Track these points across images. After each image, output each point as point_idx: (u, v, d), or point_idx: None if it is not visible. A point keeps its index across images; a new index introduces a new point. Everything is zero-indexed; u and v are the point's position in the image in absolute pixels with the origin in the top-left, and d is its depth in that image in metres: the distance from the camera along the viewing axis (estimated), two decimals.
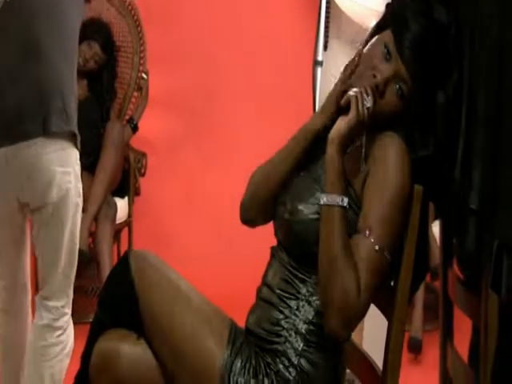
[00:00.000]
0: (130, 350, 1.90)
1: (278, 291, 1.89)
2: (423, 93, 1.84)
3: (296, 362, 1.83)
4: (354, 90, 1.82)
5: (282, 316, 1.87)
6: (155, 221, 4.72)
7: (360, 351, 2.05)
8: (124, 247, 4.13)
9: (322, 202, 1.79)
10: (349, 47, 3.08)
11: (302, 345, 1.84)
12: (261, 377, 1.84)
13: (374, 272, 1.75)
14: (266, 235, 2.08)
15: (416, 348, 3.45)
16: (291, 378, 1.83)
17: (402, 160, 1.81)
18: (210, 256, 4.54)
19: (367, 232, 1.76)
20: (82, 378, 1.97)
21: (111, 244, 3.97)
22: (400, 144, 1.82)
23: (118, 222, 4.04)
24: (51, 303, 2.61)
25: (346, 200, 1.78)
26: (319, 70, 3.02)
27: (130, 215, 4.18)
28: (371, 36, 1.94)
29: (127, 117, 4.29)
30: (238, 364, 1.84)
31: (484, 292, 1.76)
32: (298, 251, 1.87)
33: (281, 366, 1.83)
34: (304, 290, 1.86)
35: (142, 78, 4.30)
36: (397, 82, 1.84)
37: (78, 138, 2.57)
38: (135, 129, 4.24)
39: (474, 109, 1.79)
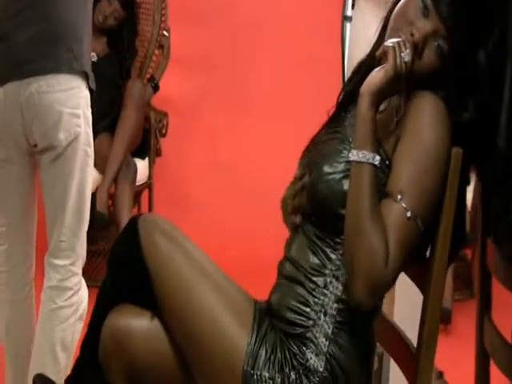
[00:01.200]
0: (145, 329, 1.78)
1: (303, 267, 1.75)
2: (463, 50, 1.70)
3: (325, 349, 1.70)
4: (391, 40, 1.67)
5: (309, 295, 1.73)
6: (176, 183, 4.63)
7: (390, 324, 1.93)
8: (144, 210, 4.05)
9: (351, 158, 1.64)
10: (377, 7, 2.95)
11: (331, 327, 1.70)
12: (287, 370, 1.69)
13: (403, 240, 1.59)
14: None
15: (446, 318, 3.36)
16: (320, 369, 1.69)
17: (439, 120, 1.66)
18: (232, 220, 4.45)
19: (399, 196, 1.61)
20: (90, 352, 1.84)
21: (131, 206, 3.87)
22: (438, 103, 1.67)
23: (138, 183, 3.94)
24: (58, 261, 2.50)
25: (377, 158, 1.63)
26: (348, 25, 2.88)
27: (150, 177, 4.08)
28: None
29: (148, 75, 4.19)
30: (263, 355, 1.70)
31: None
32: (324, 216, 1.72)
33: (309, 356, 1.69)
34: (331, 265, 1.72)
35: (164, 36, 4.18)
36: (436, 39, 1.70)
37: (92, 79, 2.47)
38: (156, 88, 4.13)
39: None
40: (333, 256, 1.73)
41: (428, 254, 1.74)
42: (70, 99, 2.41)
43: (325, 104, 1.90)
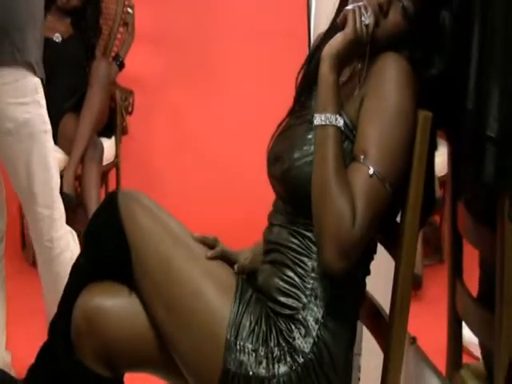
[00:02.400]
0: (119, 307, 1.75)
1: (289, 252, 1.72)
2: (429, 10, 1.69)
3: (315, 333, 1.67)
4: (352, 5, 1.66)
5: (298, 279, 1.70)
6: (143, 161, 4.59)
7: None
8: (112, 189, 4.00)
9: (314, 123, 1.61)
10: None
11: (322, 312, 1.68)
12: (272, 344, 1.66)
13: (370, 200, 1.56)
14: (257, 172, 1.93)
15: (416, 284, 3.34)
16: (306, 350, 1.66)
17: (404, 78, 1.63)
18: (201, 195, 4.41)
19: (362, 156, 1.59)
20: (60, 336, 1.78)
21: (98, 187, 3.83)
22: (402, 62, 1.65)
23: (105, 163, 3.90)
24: (39, 209, 2.55)
25: (340, 120, 1.61)
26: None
27: (117, 156, 4.03)
28: None
29: (113, 54, 4.13)
30: (247, 326, 1.67)
31: (500, 223, 1.63)
32: (302, 202, 1.67)
33: (296, 336, 1.66)
34: (315, 247, 1.68)
35: (128, 13, 4.13)
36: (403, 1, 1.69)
37: (39, 68, 2.50)
38: (121, 66, 4.09)
39: (489, 26, 1.64)
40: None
41: (398, 219, 1.74)
42: (16, 90, 2.45)
43: (291, 80, 1.89)
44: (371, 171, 1.58)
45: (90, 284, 1.79)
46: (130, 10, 4.12)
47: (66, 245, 2.65)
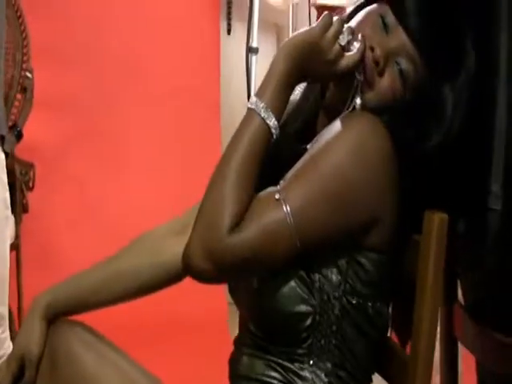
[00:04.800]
0: None
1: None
2: (434, 72, 1.41)
3: None
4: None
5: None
6: (46, 240, 4.20)
7: None
8: (13, 274, 3.59)
9: (248, 105, 1.41)
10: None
11: None
12: None
13: (265, 222, 1.32)
14: None
15: None
16: None
17: (370, 147, 1.36)
18: None
19: (277, 195, 1.35)
20: None
21: None
22: (375, 124, 1.38)
23: None
24: None
25: (273, 121, 1.38)
26: (254, 57, 2.59)
27: (17, 236, 3.61)
28: (355, 12, 1.49)
29: (10, 123, 3.74)
30: None
31: None
32: (280, 326, 1.38)
33: None
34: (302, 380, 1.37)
35: (27, 78, 3.75)
36: (399, 59, 1.42)
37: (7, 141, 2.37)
38: (20, 136, 3.70)
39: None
40: (303, 373, 1.37)
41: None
42: None
43: (201, 143, 1.64)
44: (279, 196, 1.34)
45: None
46: (28, 75, 3.76)
47: None
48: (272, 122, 1.38)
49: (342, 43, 1.39)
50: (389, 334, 1.50)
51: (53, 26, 4.20)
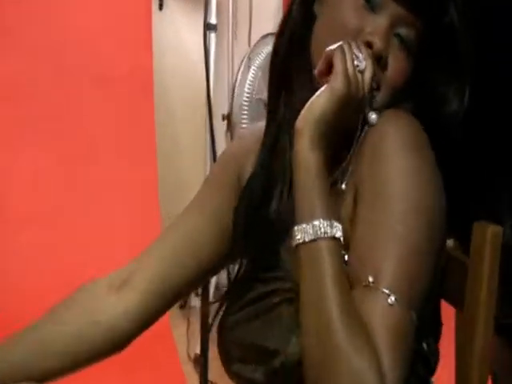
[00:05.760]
0: None
1: None
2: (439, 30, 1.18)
3: None
4: (338, 44, 1.12)
5: None
6: None
7: None
8: None
9: (295, 242, 1.07)
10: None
11: None
12: None
13: (396, 342, 1.01)
14: None
15: None
16: None
17: (414, 146, 1.10)
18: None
19: (370, 278, 1.04)
20: None
21: None
22: (406, 119, 1.13)
23: None
24: None
25: (337, 226, 1.07)
26: (213, 35, 2.35)
27: None
28: None
29: None
30: None
31: None
32: None
33: None
34: None
35: None
36: (395, 32, 1.17)
37: None
38: None
39: None
40: None
41: None
42: None
43: (134, 122, 1.40)
44: (391, 299, 1.03)
45: None
46: None
47: None
48: (337, 227, 1.07)
49: (362, 66, 1.11)
50: None
51: None
